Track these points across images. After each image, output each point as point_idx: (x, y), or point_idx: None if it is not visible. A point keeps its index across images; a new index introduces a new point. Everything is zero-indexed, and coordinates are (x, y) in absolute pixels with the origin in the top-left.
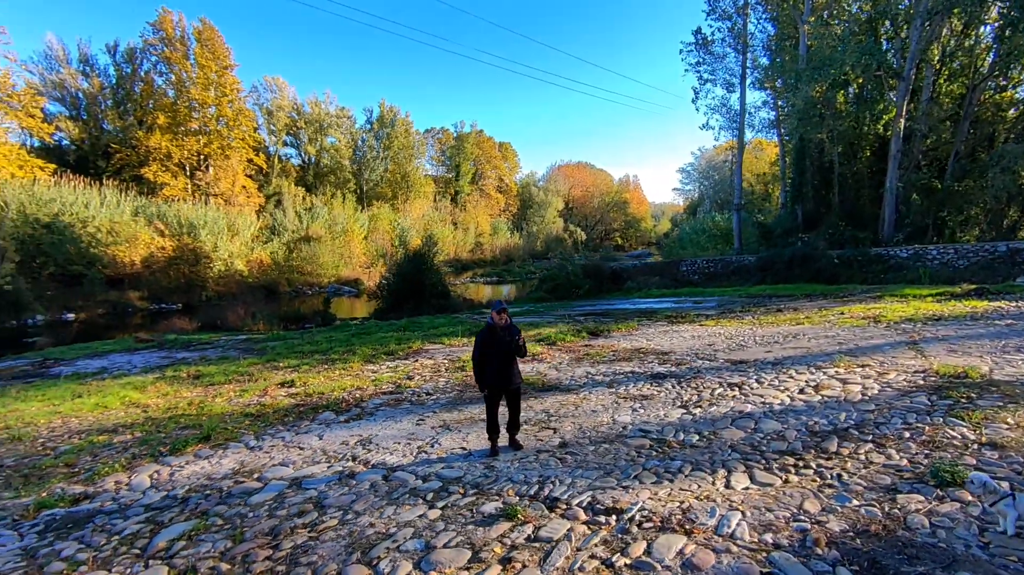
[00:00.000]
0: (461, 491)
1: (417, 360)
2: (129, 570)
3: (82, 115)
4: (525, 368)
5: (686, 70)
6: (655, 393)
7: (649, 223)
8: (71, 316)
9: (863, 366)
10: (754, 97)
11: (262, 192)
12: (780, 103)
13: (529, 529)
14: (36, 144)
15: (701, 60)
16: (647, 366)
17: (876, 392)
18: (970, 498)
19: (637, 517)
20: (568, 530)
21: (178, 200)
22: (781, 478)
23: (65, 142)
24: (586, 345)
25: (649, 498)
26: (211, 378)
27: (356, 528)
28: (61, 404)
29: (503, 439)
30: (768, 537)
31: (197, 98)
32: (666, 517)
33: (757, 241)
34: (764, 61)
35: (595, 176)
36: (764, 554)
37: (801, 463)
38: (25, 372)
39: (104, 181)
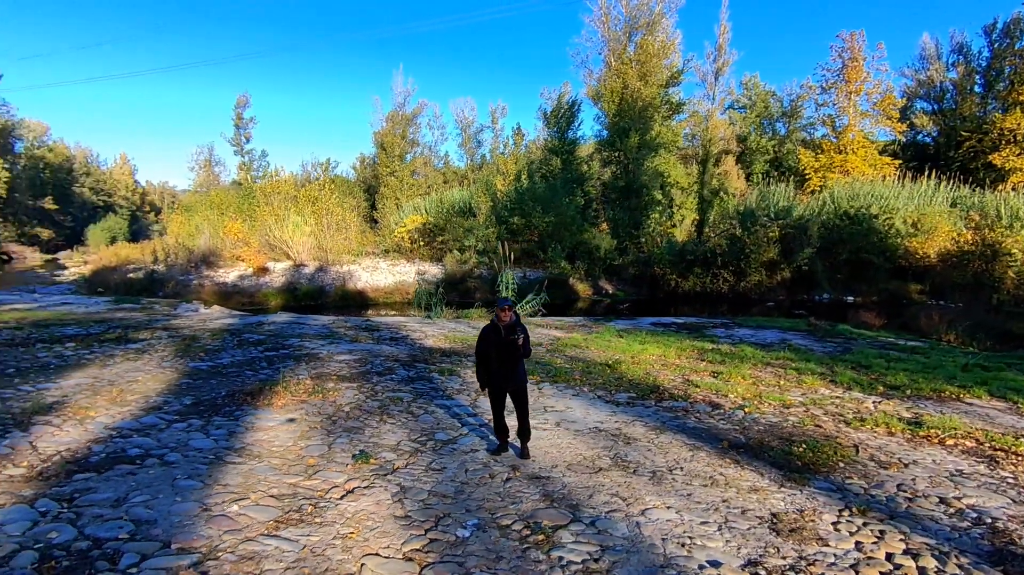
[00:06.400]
0: (432, 445)
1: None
2: (344, 397)
3: (946, 106)
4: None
5: None
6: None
7: None
8: (851, 299)
9: None
10: None
11: None
12: None
13: (346, 468)
14: (902, 142)
15: None
16: None
17: None
18: None
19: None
20: (332, 487)
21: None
22: None
23: (926, 138)
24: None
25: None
26: (711, 357)
27: (377, 424)
28: (648, 347)
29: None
30: None
31: None
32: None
33: None
34: None
35: None
36: None
37: None
38: (710, 325)
39: (934, 173)
